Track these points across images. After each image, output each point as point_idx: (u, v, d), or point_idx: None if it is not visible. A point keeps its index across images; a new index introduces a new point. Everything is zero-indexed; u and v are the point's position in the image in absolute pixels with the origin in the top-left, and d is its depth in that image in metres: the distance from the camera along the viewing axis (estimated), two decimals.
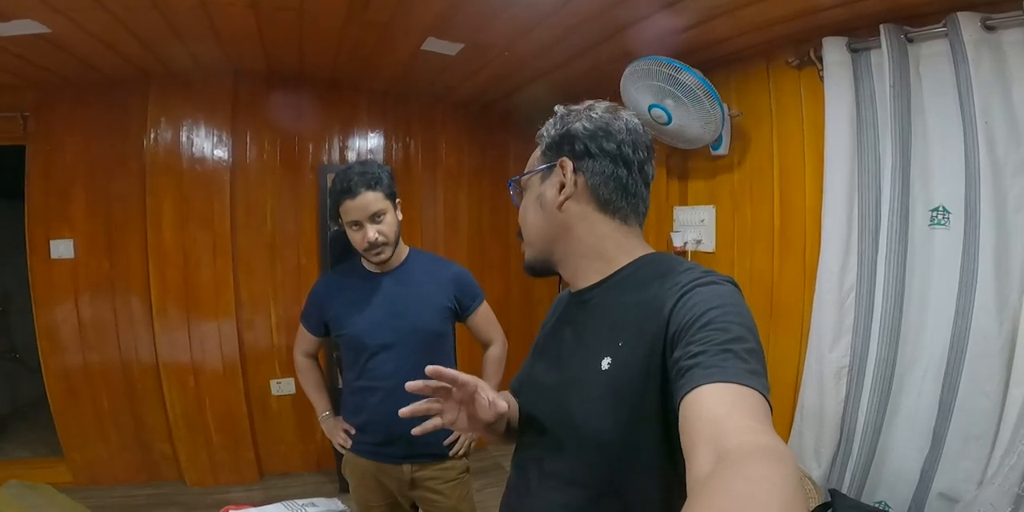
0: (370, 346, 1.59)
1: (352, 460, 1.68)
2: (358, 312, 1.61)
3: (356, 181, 1.50)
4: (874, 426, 1.86)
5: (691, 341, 0.67)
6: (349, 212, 1.51)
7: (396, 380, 1.55)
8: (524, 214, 0.93)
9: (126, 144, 2.82)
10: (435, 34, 2.25)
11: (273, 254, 3.09)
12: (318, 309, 1.70)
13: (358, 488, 1.69)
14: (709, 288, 0.74)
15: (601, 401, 0.77)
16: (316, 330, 1.73)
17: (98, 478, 2.89)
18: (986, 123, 1.58)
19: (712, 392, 0.59)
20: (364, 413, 1.63)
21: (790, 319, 2.21)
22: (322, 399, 1.80)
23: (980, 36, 1.55)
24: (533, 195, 0.91)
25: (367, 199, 1.50)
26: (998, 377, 1.58)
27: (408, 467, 1.61)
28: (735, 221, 2.47)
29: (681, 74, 2.07)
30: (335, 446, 1.72)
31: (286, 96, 3.02)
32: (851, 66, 1.91)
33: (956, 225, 1.73)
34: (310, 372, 1.80)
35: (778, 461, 0.48)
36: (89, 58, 2.41)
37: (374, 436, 1.62)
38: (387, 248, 1.55)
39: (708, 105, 2.11)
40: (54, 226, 2.79)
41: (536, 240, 0.90)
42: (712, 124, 2.18)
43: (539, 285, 3.67)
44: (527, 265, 0.94)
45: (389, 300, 1.61)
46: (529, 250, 0.92)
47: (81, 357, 2.85)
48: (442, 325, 1.66)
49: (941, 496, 1.67)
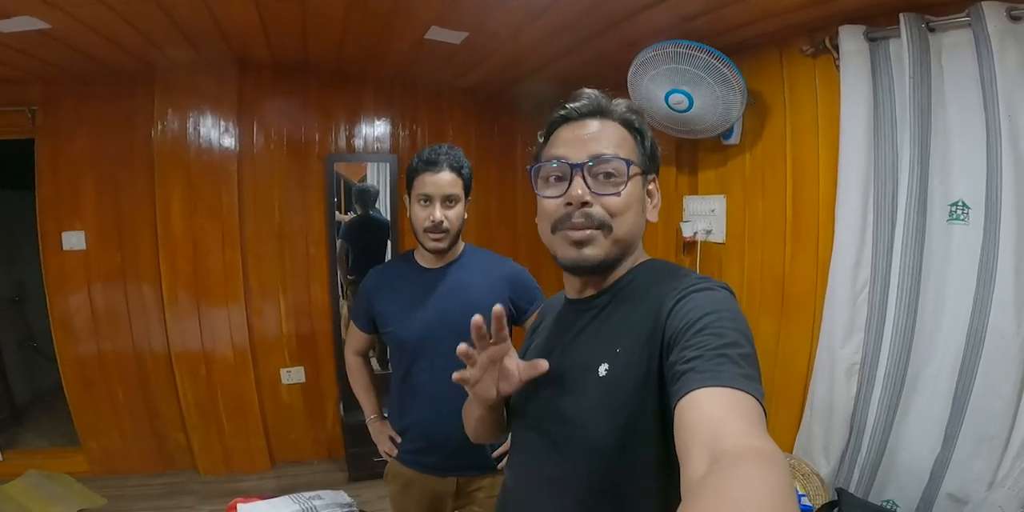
0: (414, 349, 1.52)
1: (396, 468, 1.63)
2: (406, 310, 1.54)
3: (443, 157, 1.47)
4: (885, 424, 1.84)
5: (686, 346, 0.68)
6: (425, 184, 1.46)
7: (440, 386, 1.44)
8: (627, 206, 0.83)
9: (134, 136, 2.84)
10: (439, 23, 2.21)
11: (281, 243, 3.11)
12: (367, 304, 1.63)
13: (398, 496, 1.64)
14: (704, 294, 0.75)
15: (598, 406, 0.78)
16: (365, 327, 1.66)
17: (114, 467, 2.96)
18: (1010, 117, 1.52)
19: (707, 396, 0.60)
20: (407, 417, 1.58)
21: (801, 312, 2.17)
22: (370, 401, 1.74)
23: (1005, 26, 1.48)
24: (638, 194, 0.86)
25: (447, 179, 1.46)
26: (1014, 378, 1.54)
27: (454, 480, 1.56)
28: (746, 212, 2.42)
29: (704, 53, 2.01)
30: (381, 453, 1.67)
31: (291, 86, 3.02)
32: (868, 55, 1.84)
33: (976, 221, 1.68)
34: (359, 372, 1.75)
35: (772, 465, 0.48)
36: (92, 52, 2.40)
37: (415, 443, 1.57)
38: (447, 236, 1.48)
39: (733, 81, 2.04)
40: (65, 218, 2.82)
41: (623, 239, 0.84)
42: (736, 104, 2.12)
43: (547, 273, 3.65)
44: (597, 260, 0.83)
45: (438, 298, 1.52)
46: (610, 246, 0.83)
47: (95, 347, 2.91)
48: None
49: (950, 497, 1.65)
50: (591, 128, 0.85)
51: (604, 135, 0.84)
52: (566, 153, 0.84)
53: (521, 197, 3.59)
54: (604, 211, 0.81)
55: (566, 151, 0.84)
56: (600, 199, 0.81)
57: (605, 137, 0.84)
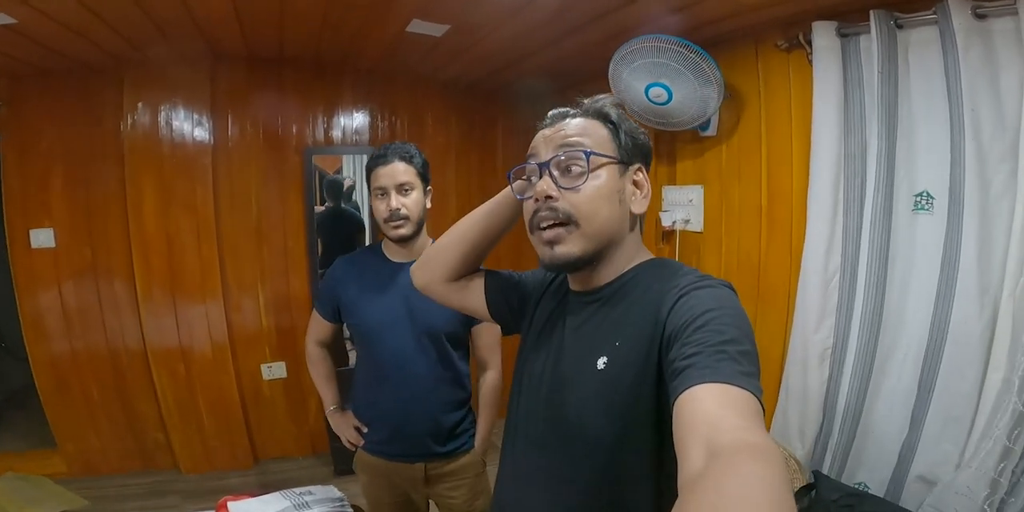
0: (381, 339, 1.55)
1: (363, 458, 1.66)
2: (373, 301, 1.56)
3: (392, 151, 1.53)
4: (855, 408, 1.91)
5: (686, 342, 0.68)
6: (378, 178, 1.52)
7: (404, 376, 1.54)
8: (593, 200, 0.81)
9: (103, 130, 2.76)
10: (420, 16, 2.19)
11: (259, 237, 3.06)
12: (332, 293, 1.64)
13: (369, 486, 1.68)
14: (706, 291, 0.75)
15: (596, 400, 0.79)
16: (330, 316, 1.68)
17: (93, 468, 2.90)
18: (972, 110, 1.58)
19: (706, 392, 0.61)
20: (373, 407, 1.61)
21: (776, 299, 2.24)
22: (331, 391, 1.75)
23: (971, 24, 1.54)
24: (612, 185, 0.83)
25: (398, 168, 1.51)
26: (977, 361, 1.61)
27: (422, 466, 1.59)
28: (723, 201, 2.48)
29: (684, 48, 2.04)
30: (344, 443, 1.70)
31: (267, 77, 2.96)
32: (840, 50, 1.89)
33: (940, 210, 1.74)
34: (320, 363, 1.76)
35: (769, 461, 0.49)
36: (60, 47, 2.33)
37: (382, 433, 1.60)
38: (408, 223, 1.52)
39: (711, 76, 2.09)
40: (33, 215, 2.74)
41: (598, 233, 0.82)
42: (713, 98, 2.16)
43: (528, 264, 3.67)
44: (572, 257, 0.82)
45: (407, 291, 1.50)
46: (583, 242, 0.82)
47: (68, 346, 2.84)
48: (458, 327, 1.59)
49: (919, 478, 1.71)
50: (562, 127, 0.86)
51: (572, 129, 0.85)
52: (536, 152, 0.87)
53: (502, 186, 3.55)
54: (570, 205, 0.81)
55: (538, 151, 0.87)
56: (566, 194, 0.81)
57: (571, 131, 0.85)
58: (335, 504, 1.68)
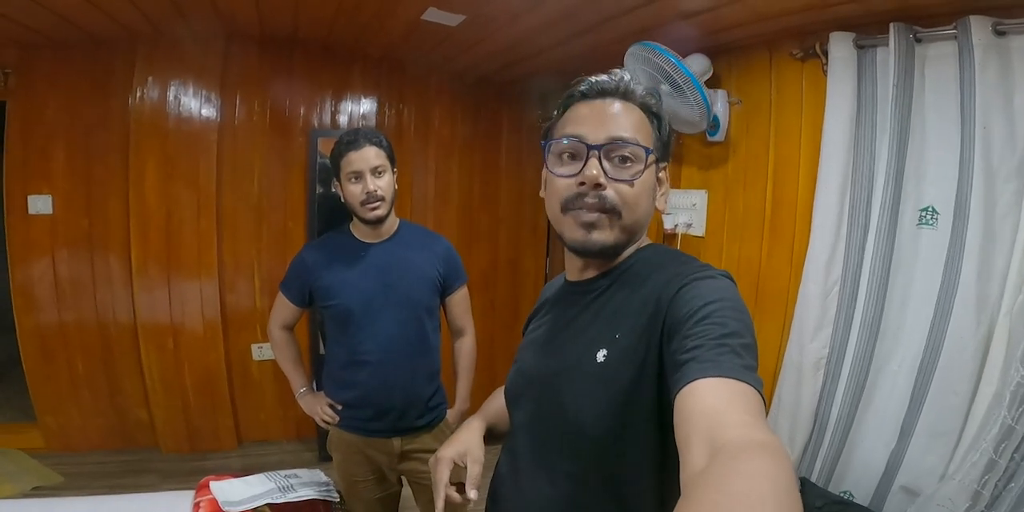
0: (360, 318, 1.58)
1: (338, 435, 1.68)
2: (349, 283, 1.59)
3: (361, 135, 1.55)
4: (847, 418, 1.91)
5: (688, 334, 0.67)
6: (352, 163, 1.53)
7: (386, 354, 1.59)
8: (639, 195, 0.81)
9: (110, 102, 2.74)
10: (436, 4, 2.18)
11: (259, 216, 3.05)
12: (302, 279, 1.66)
13: (343, 462, 1.69)
14: (707, 282, 0.74)
15: (595, 393, 0.77)
16: (299, 301, 1.69)
17: (71, 444, 2.87)
18: (984, 128, 1.58)
19: (708, 386, 0.60)
20: (354, 389, 1.62)
21: (775, 307, 2.25)
22: (300, 375, 1.77)
23: (990, 40, 1.54)
24: (651, 181, 0.84)
25: (370, 152, 1.54)
26: (970, 376, 1.62)
27: (399, 441, 1.63)
28: (727, 207, 2.48)
29: (668, 64, 2.05)
30: (318, 422, 1.71)
31: (278, 59, 2.95)
32: (856, 62, 1.90)
33: (944, 226, 1.75)
34: (287, 346, 1.77)
35: (773, 457, 0.48)
36: (73, 17, 2.31)
37: (364, 411, 1.61)
38: (384, 204, 1.56)
39: (692, 99, 2.10)
40: (32, 182, 2.72)
41: (633, 225, 0.82)
42: (698, 119, 2.18)
43: (527, 258, 3.68)
44: (607, 245, 0.81)
45: (381, 270, 1.60)
46: (618, 232, 0.81)
47: (57, 316, 2.81)
48: (433, 298, 1.67)
49: (903, 489, 1.72)
50: (611, 108, 0.81)
51: (624, 118, 0.81)
52: (583, 132, 0.80)
53: (504, 181, 3.59)
54: (617, 196, 0.79)
55: (584, 130, 0.80)
56: (614, 184, 0.79)
57: (625, 120, 0.81)
58: (321, 487, 1.67)
